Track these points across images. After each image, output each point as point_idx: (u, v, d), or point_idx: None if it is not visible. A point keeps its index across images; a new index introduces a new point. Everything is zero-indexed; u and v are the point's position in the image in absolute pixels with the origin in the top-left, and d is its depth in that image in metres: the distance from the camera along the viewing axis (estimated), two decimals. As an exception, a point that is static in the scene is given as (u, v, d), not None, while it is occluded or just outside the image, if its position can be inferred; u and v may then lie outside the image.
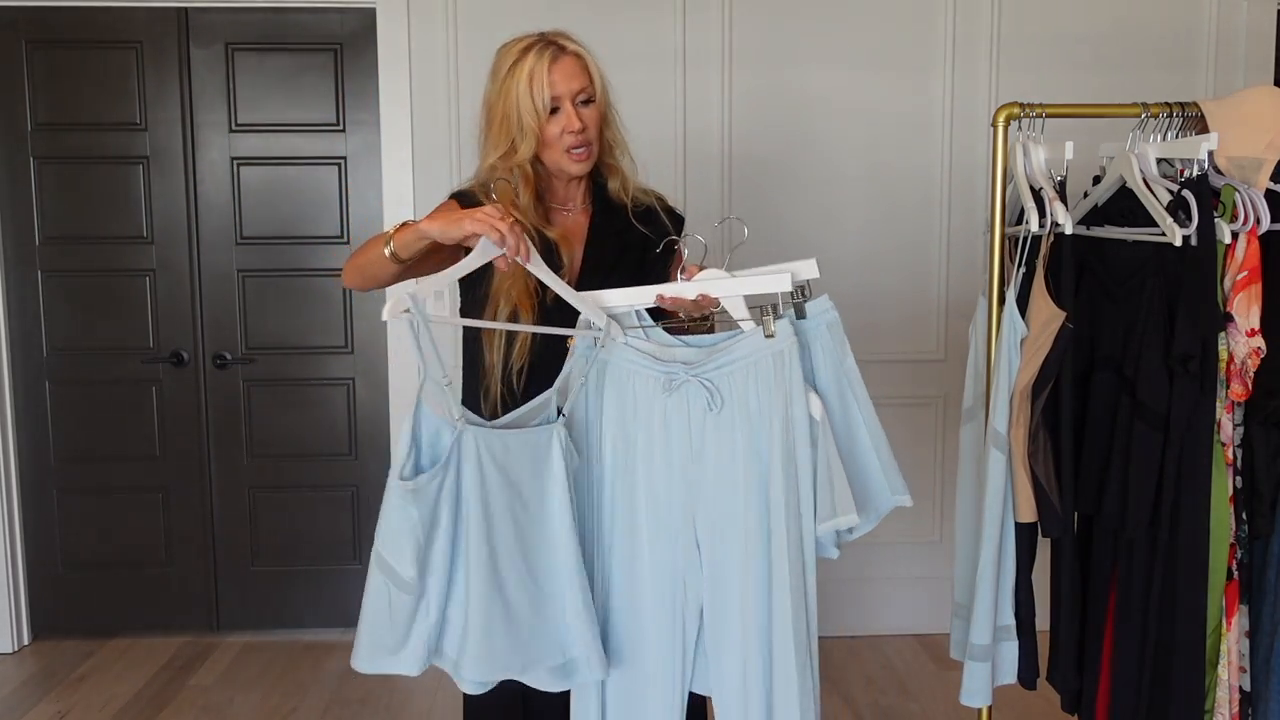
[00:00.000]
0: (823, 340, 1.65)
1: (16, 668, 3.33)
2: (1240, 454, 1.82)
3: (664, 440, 1.64)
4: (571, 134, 1.76)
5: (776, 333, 1.60)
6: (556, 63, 1.74)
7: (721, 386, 1.62)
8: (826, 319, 1.65)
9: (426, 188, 3.31)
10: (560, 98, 1.75)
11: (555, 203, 1.89)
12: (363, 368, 3.51)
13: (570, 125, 1.75)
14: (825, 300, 1.67)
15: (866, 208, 3.40)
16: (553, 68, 1.74)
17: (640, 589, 1.67)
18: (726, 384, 1.62)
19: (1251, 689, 1.87)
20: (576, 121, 1.75)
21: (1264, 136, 1.79)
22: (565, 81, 1.74)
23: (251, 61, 3.38)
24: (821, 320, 1.65)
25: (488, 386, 1.80)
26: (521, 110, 1.74)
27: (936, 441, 3.50)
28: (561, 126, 1.76)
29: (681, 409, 1.63)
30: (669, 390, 1.63)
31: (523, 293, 1.75)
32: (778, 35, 3.32)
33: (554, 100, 1.75)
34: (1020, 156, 1.98)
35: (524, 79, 1.73)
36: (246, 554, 3.57)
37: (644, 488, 1.65)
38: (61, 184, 3.40)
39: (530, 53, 1.75)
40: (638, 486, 1.65)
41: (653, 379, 1.63)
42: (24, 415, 3.48)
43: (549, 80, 1.73)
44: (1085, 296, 1.95)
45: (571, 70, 1.75)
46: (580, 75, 1.76)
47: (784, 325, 1.61)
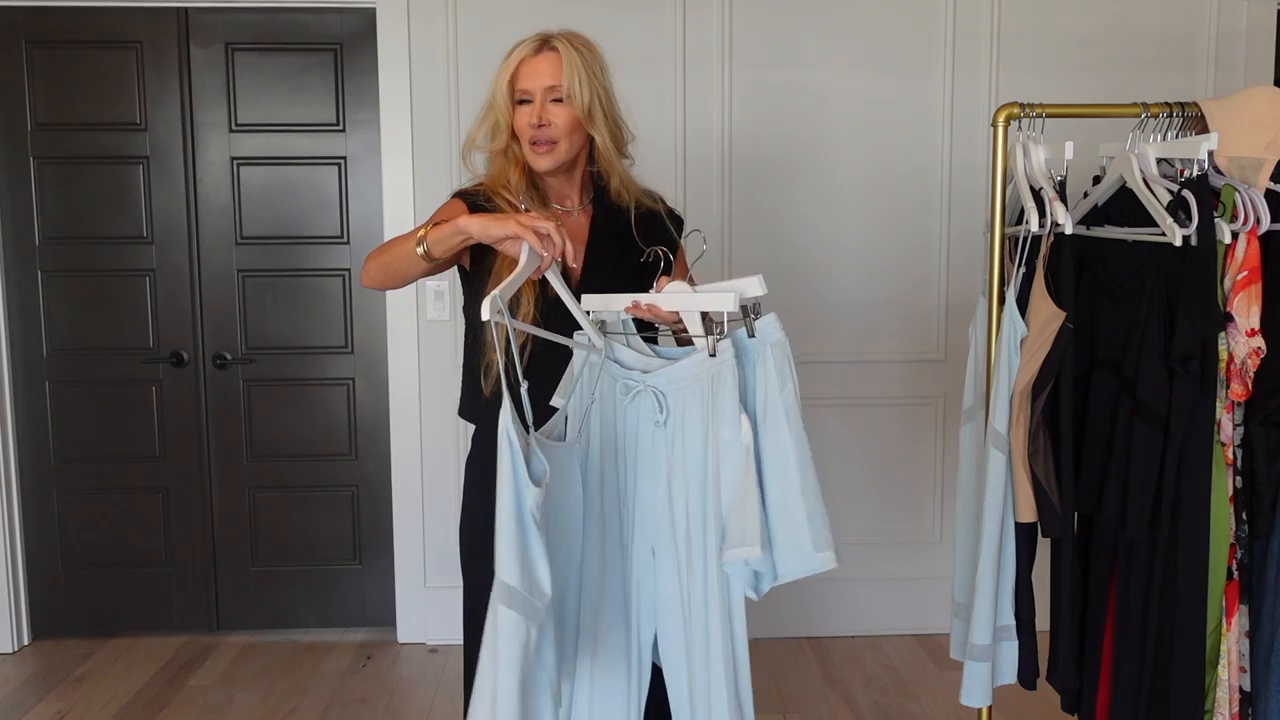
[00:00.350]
0: (765, 363, 1.56)
1: (16, 668, 3.33)
2: (1240, 454, 1.82)
3: (623, 447, 1.66)
4: (531, 127, 1.79)
5: (718, 352, 1.55)
6: (535, 56, 1.79)
7: (670, 399, 1.61)
8: (771, 340, 1.56)
9: (426, 188, 3.32)
10: (529, 91, 1.79)
11: (553, 200, 1.90)
12: (363, 368, 3.51)
13: (530, 119, 1.79)
14: (773, 321, 1.57)
15: (866, 207, 3.40)
16: (530, 60, 1.78)
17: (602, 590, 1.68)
18: (674, 398, 1.61)
19: (1251, 689, 1.87)
20: (535, 117, 1.78)
21: (1264, 136, 1.79)
22: (535, 76, 1.78)
23: (251, 61, 3.38)
24: (765, 342, 1.57)
25: (488, 365, 1.83)
26: (496, 99, 1.81)
27: (936, 441, 3.50)
28: (526, 119, 1.80)
29: (637, 417, 1.64)
30: (627, 396, 1.63)
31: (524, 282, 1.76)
32: (778, 35, 3.33)
33: (522, 93, 1.79)
34: (1020, 156, 1.98)
35: (504, 70, 1.80)
36: (246, 554, 3.57)
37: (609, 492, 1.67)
38: (61, 184, 3.40)
39: (522, 45, 1.80)
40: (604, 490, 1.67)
41: (617, 384, 1.65)
42: (24, 415, 3.48)
43: (522, 72, 1.78)
44: (1085, 296, 1.95)
45: (546, 67, 1.78)
46: (553, 73, 1.78)
47: (725, 345, 1.56)
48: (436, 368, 3.39)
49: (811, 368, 3.38)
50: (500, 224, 1.52)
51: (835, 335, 3.44)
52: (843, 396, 3.45)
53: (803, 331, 3.41)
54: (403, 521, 3.48)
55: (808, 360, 3.41)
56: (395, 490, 3.48)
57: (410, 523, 3.48)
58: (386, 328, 3.42)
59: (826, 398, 3.43)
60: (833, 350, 3.44)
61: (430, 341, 3.39)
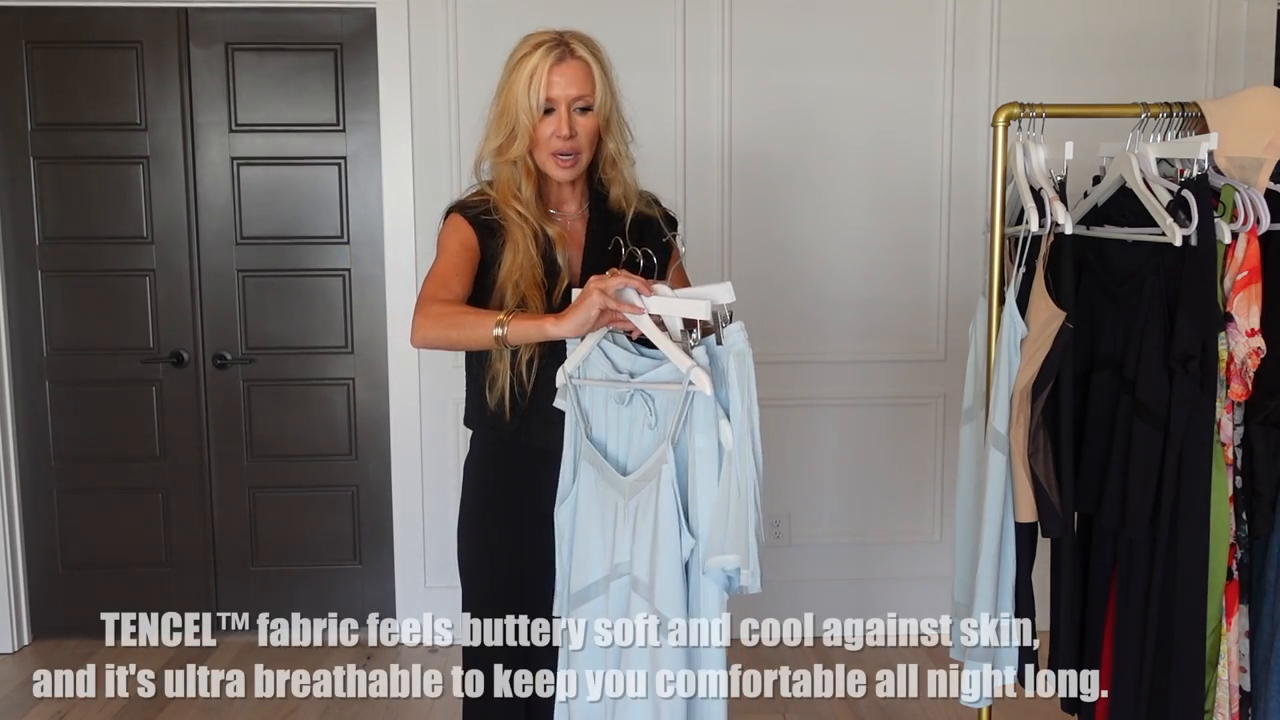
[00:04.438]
0: (731, 371, 1.58)
1: (16, 668, 3.33)
2: (1240, 454, 1.82)
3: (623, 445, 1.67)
4: (559, 139, 1.75)
5: (694, 359, 1.56)
6: (560, 65, 1.73)
7: (657, 402, 1.62)
8: (735, 349, 1.57)
9: (426, 188, 3.31)
10: (556, 100, 1.74)
11: (553, 205, 1.88)
12: (363, 368, 3.51)
13: (560, 130, 1.74)
14: (739, 329, 1.58)
15: (866, 207, 3.40)
16: (555, 69, 1.73)
17: None
18: (660, 400, 1.62)
19: (1251, 689, 1.87)
20: (566, 128, 1.74)
21: (1264, 136, 1.79)
22: (564, 86, 1.73)
23: (251, 61, 3.38)
24: (729, 350, 1.58)
25: (494, 376, 1.81)
26: (518, 107, 1.74)
27: (936, 441, 3.49)
28: (552, 129, 1.75)
29: (630, 420, 1.65)
30: (621, 402, 1.65)
31: (530, 284, 1.76)
32: (778, 35, 3.32)
33: (549, 102, 1.74)
34: (1020, 156, 1.98)
35: (525, 75, 1.73)
36: (246, 554, 3.57)
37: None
38: (61, 184, 3.40)
39: (539, 50, 1.74)
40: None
41: (610, 387, 1.66)
42: (24, 415, 3.48)
43: (548, 81, 1.72)
44: (1085, 296, 1.95)
45: (573, 76, 1.74)
46: (581, 82, 1.74)
47: (700, 352, 1.57)
48: (436, 368, 3.39)
49: (811, 367, 3.38)
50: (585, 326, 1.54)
51: (835, 335, 3.43)
52: (843, 396, 3.45)
53: (803, 331, 3.41)
54: (403, 521, 3.48)
55: (808, 360, 3.41)
56: (395, 490, 3.48)
57: (410, 523, 3.48)
58: (386, 328, 3.41)
59: (826, 397, 3.43)
60: (833, 350, 3.43)
61: (430, 341, 3.39)
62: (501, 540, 1.90)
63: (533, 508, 1.88)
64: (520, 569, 1.90)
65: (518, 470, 1.88)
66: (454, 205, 1.86)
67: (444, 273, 1.74)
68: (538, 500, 1.87)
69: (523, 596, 1.89)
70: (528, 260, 1.76)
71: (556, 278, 1.80)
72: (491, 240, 1.79)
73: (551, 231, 1.80)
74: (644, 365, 1.65)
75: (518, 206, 1.79)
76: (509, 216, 1.78)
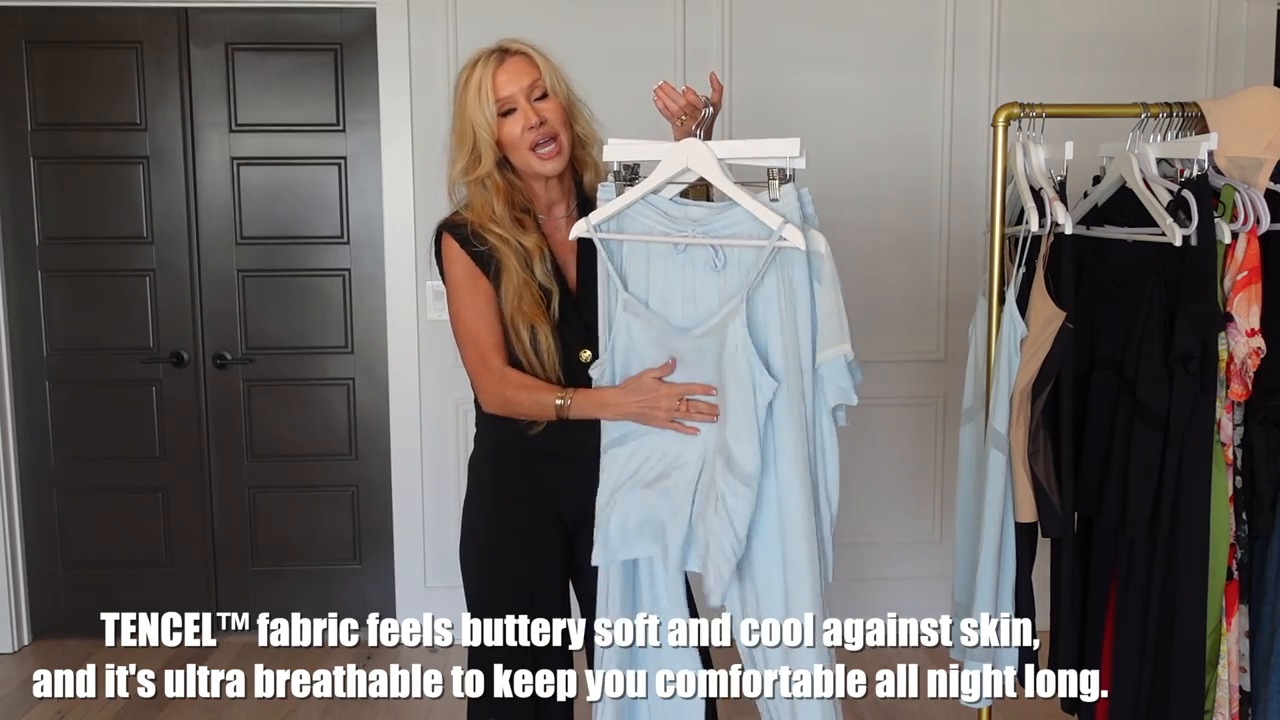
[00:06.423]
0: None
1: (16, 668, 3.33)
2: (1240, 454, 1.82)
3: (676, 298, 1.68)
4: (532, 130, 1.75)
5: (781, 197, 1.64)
6: (501, 65, 1.76)
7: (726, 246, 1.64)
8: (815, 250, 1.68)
9: (426, 188, 3.31)
10: (511, 98, 1.75)
11: (541, 212, 1.87)
12: (363, 368, 3.51)
13: (528, 121, 1.75)
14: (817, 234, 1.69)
15: (866, 207, 3.40)
16: (498, 71, 1.75)
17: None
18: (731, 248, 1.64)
19: (1251, 689, 1.87)
20: (533, 116, 1.75)
21: (1264, 136, 1.79)
22: (513, 81, 1.75)
23: (251, 61, 3.38)
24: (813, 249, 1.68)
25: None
26: (475, 122, 1.75)
27: (936, 441, 3.50)
28: (520, 125, 1.75)
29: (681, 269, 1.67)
30: (679, 250, 1.66)
31: (534, 307, 1.76)
32: (777, 36, 3.32)
33: (504, 102, 1.75)
34: (1020, 156, 1.98)
35: (474, 90, 1.75)
36: (246, 554, 3.57)
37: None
38: (61, 184, 3.40)
39: (479, 63, 1.77)
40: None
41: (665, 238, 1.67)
42: (24, 415, 3.48)
43: (494, 84, 1.74)
44: (1085, 296, 1.95)
45: (518, 69, 1.76)
46: (528, 71, 1.76)
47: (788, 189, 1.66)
48: (437, 368, 3.38)
49: (811, 368, 3.37)
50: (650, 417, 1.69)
51: (835, 335, 3.43)
52: (843, 396, 3.45)
53: (803, 331, 3.41)
54: (403, 521, 3.48)
55: (808, 360, 3.41)
56: (395, 490, 3.48)
57: (410, 523, 3.48)
58: (386, 328, 3.41)
59: (826, 398, 3.42)
60: (833, 350, 3.43)
61: (430, 341, 3.39)
62: (514, 538, 1.91)
63: (544, 508, 1.89)
64: (529, 568, 1.90)
65: (531, 471, 1.88)
66: (446, 226, 1.86)
67: (486, 330, 1.80)
68: (550, 500, 1.87)
69: (531, 596, 1.89)
70: (521, 282, 1.77)
71: (550, 291, 1.80)
72: (488, 271, 1.80)
73: (528, 243, 1.79)
74: (701, 213, 1.66)
75: (495, 229, 1.79)
76: (491, 242, 1.78)
